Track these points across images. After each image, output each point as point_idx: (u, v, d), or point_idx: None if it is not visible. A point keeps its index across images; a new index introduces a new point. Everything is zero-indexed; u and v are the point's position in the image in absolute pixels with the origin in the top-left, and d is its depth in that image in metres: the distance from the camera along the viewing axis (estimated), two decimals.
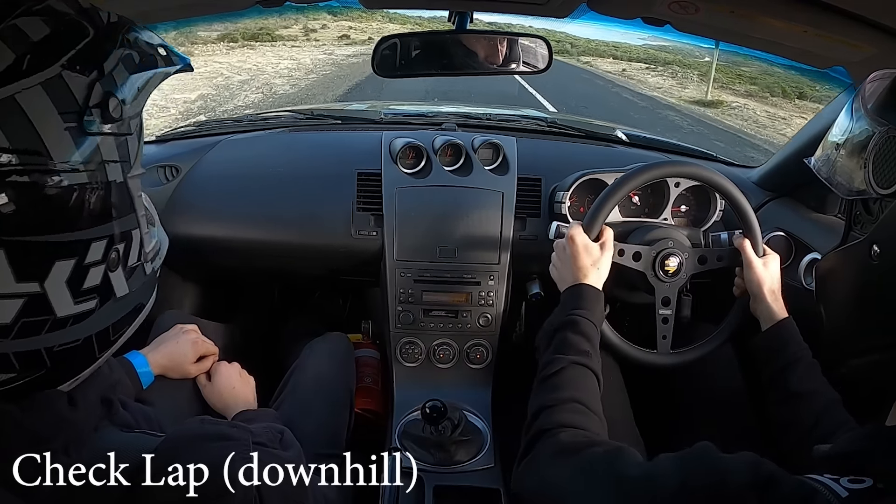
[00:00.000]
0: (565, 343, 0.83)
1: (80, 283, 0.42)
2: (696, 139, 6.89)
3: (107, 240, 0.44)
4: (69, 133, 0.40)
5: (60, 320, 0.42)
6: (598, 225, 1.02)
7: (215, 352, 1.10)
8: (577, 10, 0.94)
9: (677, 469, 0.58)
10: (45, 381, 0.45)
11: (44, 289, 0.40)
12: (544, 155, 1.41)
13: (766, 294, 1.01)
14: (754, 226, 1.07)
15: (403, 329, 1.28)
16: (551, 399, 0.76)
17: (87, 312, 0.44)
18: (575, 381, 0.78)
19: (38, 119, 0.38)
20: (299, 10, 8.88)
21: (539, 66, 1.17)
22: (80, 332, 0.44)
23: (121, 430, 0.53)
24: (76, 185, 0.40)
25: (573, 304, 0.90)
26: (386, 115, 1.66)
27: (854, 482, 0.50)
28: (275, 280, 1.68)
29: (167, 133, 1.57)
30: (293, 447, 0.58)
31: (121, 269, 0.46)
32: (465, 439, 1.13)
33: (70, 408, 0.47)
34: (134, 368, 0.98)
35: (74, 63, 0.41)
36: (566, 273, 0.98)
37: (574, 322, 0.86)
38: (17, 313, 0.39)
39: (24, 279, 0.39)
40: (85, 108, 0.41)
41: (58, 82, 0.39)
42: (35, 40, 0.39)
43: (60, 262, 0.40)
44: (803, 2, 0.72)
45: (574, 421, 0.73)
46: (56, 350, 0.43)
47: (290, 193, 1.31)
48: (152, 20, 0.94)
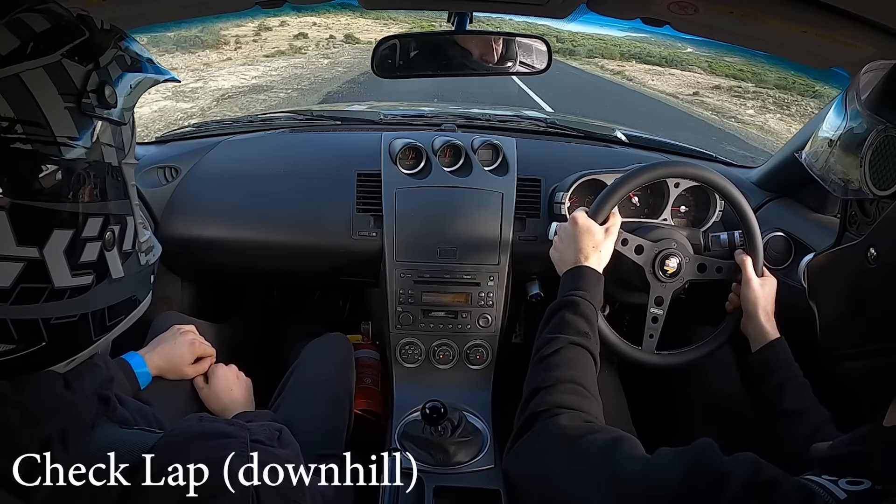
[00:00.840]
0: (564, 322, 0.82)
1: (77, 256, 0.45)
2: None
3: (102, 218, 0.47)
4: (68, 112, 0.43)
5: (58, 291, 0.44)
6: (606, 211, 1.01)
7: (212, 353, 1.10)
8: (577, 10, 0.94)
9: (676, 467, 0.58)
10: (43, 356, 0.46)
11: (42, 255, 0.43)
12: (544, 155, 1.41)
13: (760, 314, 1.01)
14: (757, 244, 1.06)
15: (403, 330, 1.28)
16: (549, 378, 0.75)
17: (84, 287, 0.46)
18: (573, 362, 0.77)
19: (40, 96, 0.42)
20: (299, 10, 8.82)
21: (539, 66, 1.17)
22: (77, 308, 0.46)
23: (119, 426, 0.53)
24: (74, 158, 0.44)
25: (573, 285, 0.89)
26: (385, 115, 1.66)
27: (852, 484, 0.49)
28: (274, 281, 1.68)
29: (167, 134, 1.57)
30: (291, 446, 0.58)
31: (116, 250, 0.49)
32: (465, 440, 1.13)
33: (66, 390, 0.48)
34: (132, 369, 0.98)
35: (73, 54, 0.45)
36: (568, 254, 0.96)
37: (574, 303, 0.85)
38: (17, 277, 0.42)
39: (23, 243, 0.41)
40: (83, 92, 0.45)
41: (58, 67, 0.43)
42: (38, 31, 0.43)
43: (58, 231, 0.43)
44: (803, 2, 0.72)
45: (572, 402, 0.72)
46: (53, 323, 0.45)
47: (290, 194, 1.31)
48: (153, 21, 0.94)
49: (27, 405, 0.45)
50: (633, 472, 0.61)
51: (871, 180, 0.58)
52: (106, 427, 0.51)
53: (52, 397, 0.47)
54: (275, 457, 0.54)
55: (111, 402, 0.54)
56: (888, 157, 0.57)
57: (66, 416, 0.47)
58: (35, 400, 0.45)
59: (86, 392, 0.50)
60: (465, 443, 1.13)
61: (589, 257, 0.93)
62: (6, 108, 0.40)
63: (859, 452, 0.52)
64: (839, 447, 0.55)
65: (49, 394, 0.46)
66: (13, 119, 0.41)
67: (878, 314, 0.53)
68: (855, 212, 0.63)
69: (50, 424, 0.46)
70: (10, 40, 0.42)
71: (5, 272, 0.41)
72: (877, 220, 0.54)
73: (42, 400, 0.46)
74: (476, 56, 1.13)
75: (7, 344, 0.43)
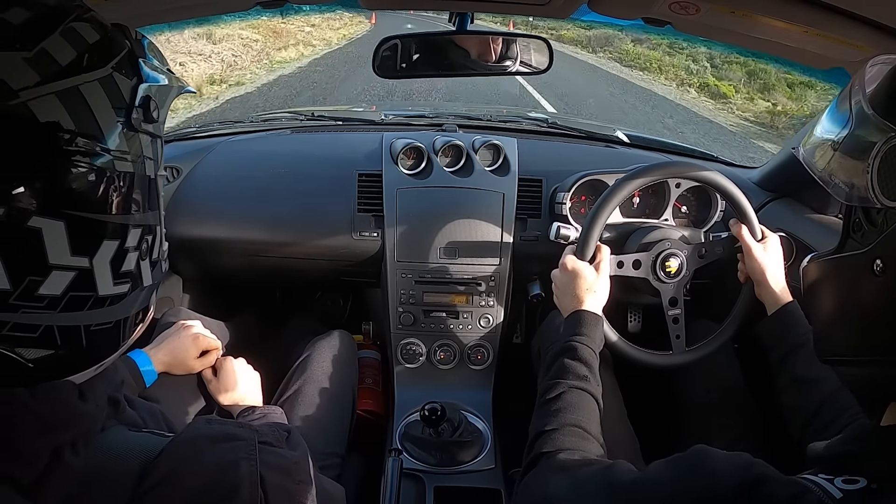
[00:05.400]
0: (563, 368, 0.85)
1: (120, 266, 0.46)
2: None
3: (142, 228, 0.48)
4: (120, 125, 0.45)
5: (101, 299, 0.46)
6: (591, 246, 1.02)
7: (218, 346, 1.10)
8: (578, 10, 0.94)
9: (668, 477, 0.58)
10: (77, 360, 0.47)
11: (91, 265, 0.44)
12: (545, 156, 1.41)
13: (768, 279, 1.02)
14: (748, 210, 1.06)
15: (404, 330, 1.28)
16: (551, 423, 0.78)
17: (121, 295, 0.47)
18: (573, 405, 0.80)
19: (97, 109, 0.43)
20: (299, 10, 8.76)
21: (540, 66, 1.17)
22: (114, 315, 0.48)
23: (128, 429, 0.53)
24: (124, 172, 0.45)
25: (571, 330, 0.92)
26: (386, 116, 1.66)
27: (848, 483, 0.50)
28: (275, 281, 1.68)
29: (168, 134, 1.57)
30: (299, 447, 0.58)
31: (148, 259, 0.50)
32: (466, 440, 1.13)
33: (80, 400, 0.48)
34: (137, 367, 0.98)
35: (121, 67, 0.46)
36: (565, 301, 0.99)
37: (572, 348, 0.87)
38: (67, 286, 0.43)
39: (77, 253, 0.43)
40: (132, 107, 0.46)
41: (110, 80, 0.44)
42: (90, 43, 0.44)
43: (107, 242, 0.45)
44: (805, 1, 0.72)
45: (572, 444, 0.75)
46: (93, 329, 0.46)
47: (291, 194, 1.31)
48: (154, 21, 0.94)
49: (41, 413, 0.45)
50: (625, 482, 0.62)
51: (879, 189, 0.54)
52: (115, 430, 0.51)
53: (66, 407, 0.47)
54: (283, 459, 0.54)
55: (121, 404, 0.55)
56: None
57: (78, 425, 0.47)
58: (49, 409, 0.45)
59: (98, 401, 0.50)
60: (465, 443, 1.13)
61: (584, 301, 0.96)
62: (68, 120, 0.41)
63: (855, 451, 0.53)
64: (835, 446, 0.55)
65: (63, 404, 0.46)
66: (74, 132, 0.41)
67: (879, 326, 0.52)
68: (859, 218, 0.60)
69: (61, 434, 0.46)
70: (67, 51, 0.42)
71: (58, 281, 0.42)
72: (885, 231, 0.53)
73: (56, 410, 0.46)
74: (483, 58, 1.13)
75: (47, 350, 0.44)
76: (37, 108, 0.40)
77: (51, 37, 0.41)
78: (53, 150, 0.41)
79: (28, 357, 0.43)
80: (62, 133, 0.41)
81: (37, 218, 0.40)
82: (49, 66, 0.41)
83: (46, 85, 0.40)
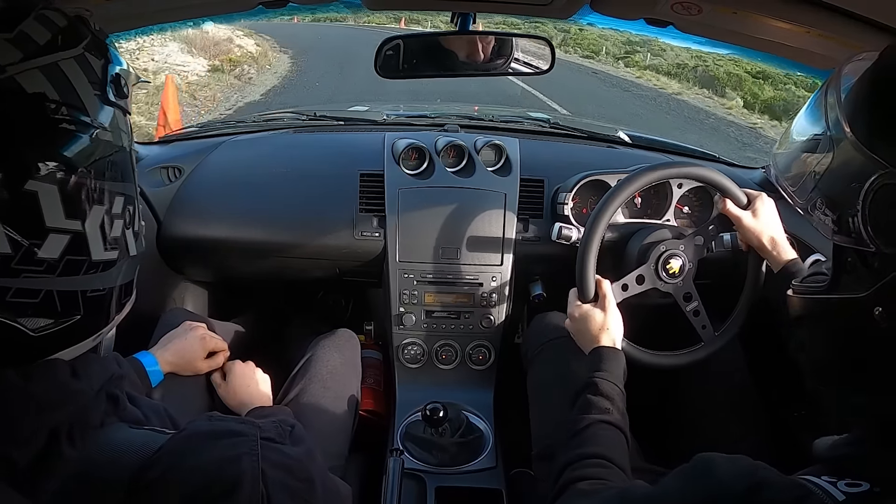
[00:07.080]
0: (587, 403, 0.88)
1: (108, 231, 0.49)
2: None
3: (124, 197, 0.51)
4: (97, 98, 0.48)
5: (94, 263, 0.48)
6: (590, 284, 1.02)
7: (224, 347, 1.10)
8: (580, 10, 0.94)
9: (675, 487, 0.60)
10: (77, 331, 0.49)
11: (84, 228, 0.47)
12: (547, 156, 1.41)
13: (766, 243, 1.03)
14: (724, 183, 1.06)
15: (405, 330, 1.28)
16: (576, 455, 0.81)
17: (111, 262, 0.50)
18: (597, 437, 0.83)
19: (76, 82, 0.46)
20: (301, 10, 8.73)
21: (542, 66, 1.17)
22: (107, 282, 0.50)
23: (129, 426, 0.53)
24: (106, 141, 0.48)
25: (593, 367, 0.94)
26: (388, 116, 1.66)
27: (851, 486, 0.50)
28: (277, 281, 1.68)
29: (170, 134, 1.58)
30: (303, 443, 0.58)
31: (132, 229, 0.53)
32: (467, 440, 1.13)
33: (73, 378, 0.49)
34: (143, 368, 0.98)
35: (90, 48, 0.49)
36: (584, 342, 1.01)
37: (594, 384, 0.90)
38: (64, 249, 0.45)
39: (70, 216, 0.45)
40: (105, 82, 0.49)
41: (83, 59, 0.48)
42: (61, 26, 0.48)
43: (96, 207, 0.48)
44: (806, 2, 0.72)
45: (595, 474, 0.78)
46: (89, 295, 0.49)
47: (293, 194, 1.31)
48: (156, 21, 0.94)
49: (33, 393, 0.46)
50: (639, 496, 0.64)
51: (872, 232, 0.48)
52: (115, 426, 0.52)
53: (59, 385, 0.47)
54: (285, 455, 0.53)
55: (121, 400, 0.55)
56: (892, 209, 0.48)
57: (73, 405, 0.48)
58: (41, 388, 0.46)
59: (93, 383, 0.50)
60: (466, 443, 1.13)
61: (600, 339, 0.98)
62: (53, 91, 0.44)
63: (859, 455, 0.53)
64: (839, 448, 0.55)
65: (56, 382, 0.47)
66: (59, 101, 0.45)
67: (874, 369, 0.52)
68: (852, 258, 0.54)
69: (56, 414, 0.46)
70: (42, 32, 0.46)
71: (55, 244, 0.45)
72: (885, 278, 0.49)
73: (48, 388, 0.47)
74: (485, 58, 1.13)
75: (48, 318, 0.46)
76: (24, 81, 0.43)
77: (26, 20, 0.45)
78: (42, 118, 0.44)
79: (30, 327, 0.45)
80: (48, 103, 0.44)
81: (32, 181, 0.43)
82: (29, 45, 0.44)
83: (29, 61, 0.44)
